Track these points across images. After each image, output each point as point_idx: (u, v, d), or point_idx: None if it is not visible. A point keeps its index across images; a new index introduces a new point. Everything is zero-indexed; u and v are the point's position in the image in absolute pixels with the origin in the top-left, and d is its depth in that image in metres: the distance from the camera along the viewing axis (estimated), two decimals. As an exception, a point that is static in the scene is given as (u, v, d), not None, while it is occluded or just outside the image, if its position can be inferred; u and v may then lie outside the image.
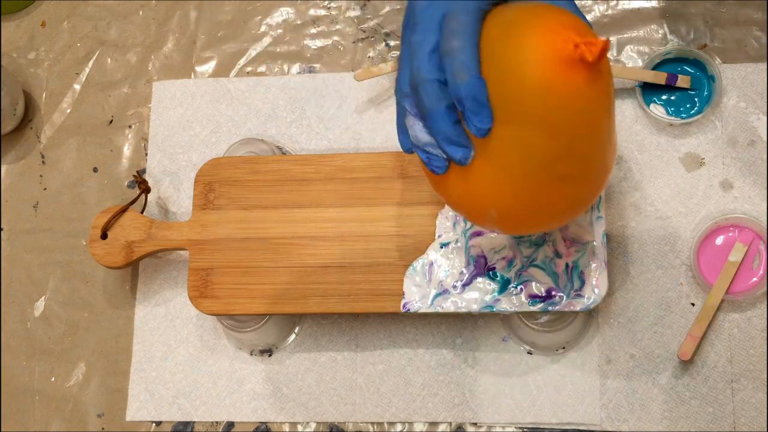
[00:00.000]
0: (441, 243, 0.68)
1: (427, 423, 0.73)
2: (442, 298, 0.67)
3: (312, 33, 0.84)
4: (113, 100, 0.85)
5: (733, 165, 0.74)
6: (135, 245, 0.73)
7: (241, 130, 0.82)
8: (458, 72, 0.49)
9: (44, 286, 0.81)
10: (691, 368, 0.70)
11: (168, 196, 0.81)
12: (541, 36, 0.48)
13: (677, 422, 0.70)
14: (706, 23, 0.77)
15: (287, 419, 0.74)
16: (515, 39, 0.48)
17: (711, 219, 0.72)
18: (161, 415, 0.76)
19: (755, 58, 0.76)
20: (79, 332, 0.80)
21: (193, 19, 0.86)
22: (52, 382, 0.79)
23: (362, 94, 0.81)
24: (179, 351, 0.77)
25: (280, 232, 0.70)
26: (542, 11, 0.50)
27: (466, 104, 0.49)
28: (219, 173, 0.72)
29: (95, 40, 0.87)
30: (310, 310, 0.69)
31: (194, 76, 0.85)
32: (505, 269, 0.67)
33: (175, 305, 0.78)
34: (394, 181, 0.70)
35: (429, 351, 0.74)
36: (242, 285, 0.70)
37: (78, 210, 0.83)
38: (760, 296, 0.71)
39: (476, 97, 0.49)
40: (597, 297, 0.65)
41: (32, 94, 0.87)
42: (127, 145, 0.84)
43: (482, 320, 0.74)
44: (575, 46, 0.47)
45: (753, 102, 0.75)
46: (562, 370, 0.72)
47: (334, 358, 0.75)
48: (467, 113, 0.49)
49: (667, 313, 0.72)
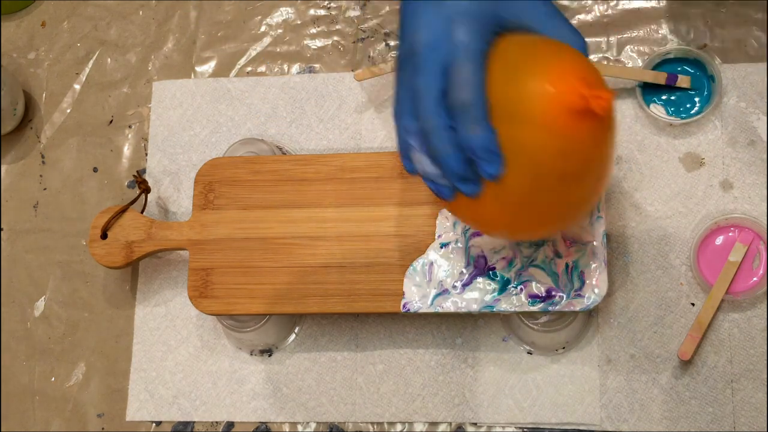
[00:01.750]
0: (441, 243, 0.68)
1: (427, 423, 0.73)
2: (442, 298, 0.67)
3: (312, 33, 0.84)
4: (113, 100, 0.85)
5: (733, 165, 0.74)
6: (135, 245, 0.73)
7: (241, 130, 0.82)
8: (470, 126, 0.50)
9: (44, 286, 0.81)
10: (691, 368, 0.70)
11: (168, 196, 0.81)
12: (549, 84, 0.49)
13: (677, 422, 0.70)
14: (706, 23, 0.77)
15: (287, 419, 0.74)
16: (522, 87, 0.49)
17: (711, 219, 0.72)
18: (161, 415, 0.76)
19: (755, 58, 0.76)
20: (79, 332, 0.80)
21: (193, 19, 0.86)
22: (52, 382, 0.79)
23: (362, 94, 0.81)
24: (179, 351, 0.77)
25: (280, 232, 0.70)
26: (547, 54, 0.51)
27: (479, 154, 0.50)
28: (219, 173, 0.72)
29: (95, 40, 0.87)
30: (310, 310, 0.69)
31: (194, 76, 0.85)
32: (505, 269, 0.67)
33: (175, 305, 0.78)
34: (394, 181, 0.70)
35: (429, 351, 0.74)
36: (242, 285, 0.70)
37: (78, 210, 0.83)
38: (760, 296, 0.71)
39: (488, 147, 0.50)
40: (597, 297, 0.65)
41: (32, 94, 0.87)
42: (127, 145, 0.84)
43: (482, 320, 0.74)
44: (583, 99, 0.48)
45: (753, 102, 0.75)
46: (562, 370, 0.72)
47: (334, 358, 0.75)
48: (480, 162, 0.51)
49: (667, 313, 0.72)
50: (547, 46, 0.52)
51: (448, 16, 0.51)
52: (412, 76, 0.52)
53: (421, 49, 0.51)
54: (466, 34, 0.50)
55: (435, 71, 0.51)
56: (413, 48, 0.52)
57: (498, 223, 0.56)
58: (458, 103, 0.50)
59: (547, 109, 0.49)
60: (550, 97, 0.48)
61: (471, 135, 0.50)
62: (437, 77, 0.51)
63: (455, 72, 0.50)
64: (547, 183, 0.51)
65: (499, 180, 0.51)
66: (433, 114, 0.51)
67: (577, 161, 0.51)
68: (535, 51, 0.51)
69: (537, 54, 0.51)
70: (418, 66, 0.51)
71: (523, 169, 0.51)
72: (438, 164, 0.53)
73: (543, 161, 0.50)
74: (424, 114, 0.51)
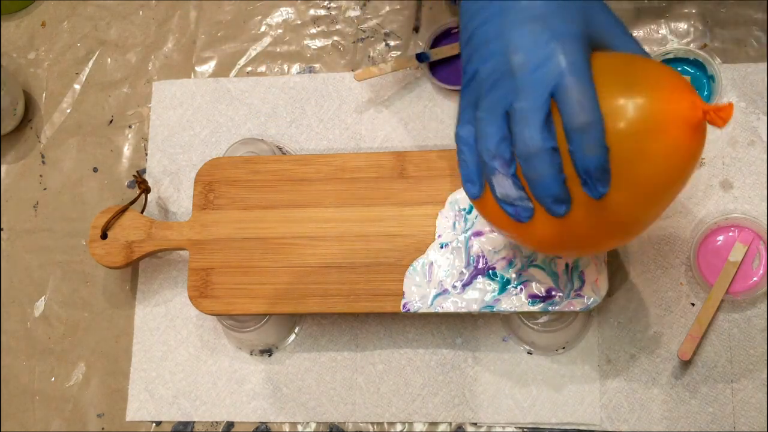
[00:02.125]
0: (441, 243, 0.68)
1: (427, 423, 0.73)
2: (442, 298, 0.67)
3: (312, 33, 0.84)
4: (113, 100, 0.85)
5: (733, 165, 0.74)
6: (135, 245, 0.73)
7: (241, 130, 0.82)
8: (590, 147, 0.49)
9: (44, 286, 0.81)
10: (691, 368, 0.70)
11: (168, 196, 0.81)
12: (666, 100, 0.49)
13: (677, 422, 0.70)
14: (706, 23, 0.77)
15: (287, 419, 0.74)
16: (637, 102, 0.49)
17: (711, 219, 0.72)
18: (161, 415, 0.76)
19: (755, 58, 0.76)
20: (79, 332, 0.80)
21: (193, 19, 0.86)
22: (52, 382, 0.79)
23: (362, 94, 0.81)
24: (179, 351, 0.77)
25: (280, 232, 0.70)
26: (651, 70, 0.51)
27: (594, 174, 0.50)
28: (219, 173, 0.72)
29: (95, 40, 0.87)
30: (310, 310, 0.69)
31: (194, 76, 0.85)
32: (505, 269, 0.67)
33: (175, 305, 0.78)
34: (394, 181, 0.70)
35: (429, 351, 0.74)
36: (242, 285, 0.70)
37: (78, 210, 0.83)
38: (760, 296, 0.71)
39: (604, 167, 0.50)
40: (597, 297, 0.65)
41: (32, 94, 0.87)
42: (127, 145, 0.84)
43: (482, 320, 0.74)
44: (704, 113, 0.48)
45: (753, 102, 0.75)
46: (562, 370, 0.72)
47: (334, 358, 0.75)
48: (592, 181, 0.50)
49: (667, 313, 0.72)
50: (640, 63, 0.52)
51: (549, 37, 0.50)
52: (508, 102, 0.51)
53: (523, 73, 0.50)
54: (572, 55, 0.50)
55: (541, 94, 0.50)
56: (511, 71, 0.51)
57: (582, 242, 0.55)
58: (576, 125, 0.49)
59: (666, 123, 0.49)
60: (670, 111, 0.49)
61: (589, 155, 0.49)
62: (544, 101, 0.50)
63: (569, 94, 0.49)
64: (652, 196, 0.51)
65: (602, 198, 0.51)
66: (539, 138, 0.50)
67: (685, 172, 0.51)
68: (633, 69, 0.51)
69: (637, 72, 0.51)
70: (521, 91, 0.50)
71: (629, 184, 0.50)
72: (534, 186, 0.52)
73: (655, 174, 0.50)
74: (529, 138, 0.50)
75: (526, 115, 0.50)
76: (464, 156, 0.55)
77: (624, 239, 0.58)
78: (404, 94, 0.80)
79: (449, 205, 0.69)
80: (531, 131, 0.50)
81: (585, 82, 0.49)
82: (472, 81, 0.54)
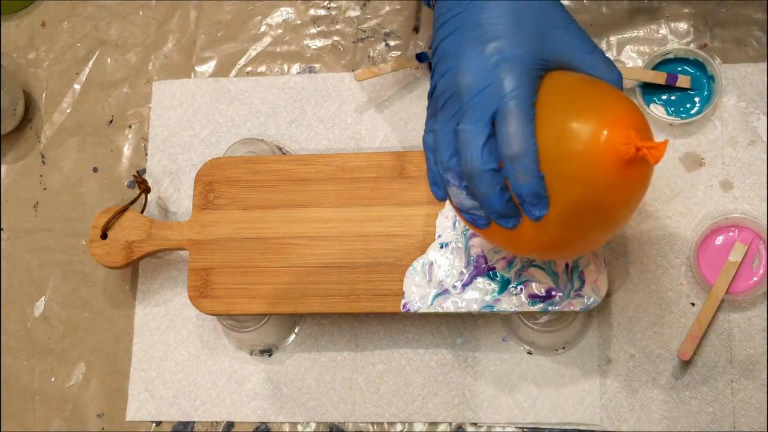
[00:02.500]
0: (441, 243, 0.68)
1: (427, 423, 0.73)
2: (442, 298, 0.67)
3: (312, 33, 0.84)
4: (113, 100, 0.85)
5: (733, 165, 0.74)
6: (135, 245, 0.73)
7: (241, 130, 0.82)
8: (521, 175, 0.50)
9: (44, 286, 0.81)
10: (691, 368, 0.70)
11: (168, 196, 0.81)
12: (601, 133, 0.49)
13: (677, 422, 0.70)
14: (706, 23, 0.77)
15: (287, 419, 0.74)
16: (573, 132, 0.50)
17: (711, 219, 0.72)
18: (161, 415, 0.76)
19: (755, 58, 0.76)
20: (79, 332, 0.80)
21: (193, 19, 0.86)
22: (52, 382, 0.79)
23: (362, 94, 0.81)
24: (179, 351, 0.77)
25: (280, 232, 0.70)
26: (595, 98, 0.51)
27: (527, 199, 0.51)
28: (219, 173, 0.72)
29: (95, 40, 0.87)
30: (310, 310, 0.69)
31: (194, 76, 0.85)
32: (505, 269, 0.67)
33: (175, 305, 0.78)
34: (394, 181, 0.70)
35: (429, 351, 0.74)
36: (242, 285, 0.70)
37: (78, 210, 0.83)
38: (760, 296, 0.71)
39: (537, 193, 0.51)
40: (597, 297, 0.65)
41: (32, 94, 0.87)
42: (127, 145, 0.84)
43: (482, 320, 0.74)
44: (637, 150, 0.49)
45: (753, 102, 0.75)
46: (562, 370, 0.72)
47: (334, 358, 0.75)
48: (526, 205, 0.51)
49: (667, 313, 0.72)
50: (592, 87, 0.52)
51: (496, 62, 0.51)
52: (456, 120, 0.52)
53: (468, 96, 0.51)
54: (515, 82, 0.50)
55: (483, 119, 0.51)
56: (458, 91, 0.52)
57: (532, 248, 0.56)
58: (509, 154, 0.50)
59: (598, 156, 0.49)
60: (603, 144, 0.49)
61: (521, 182, 0.50)
62: (485, 125, 0.51)
63: (506, 124, 0.50)
64: (587, 218, 0.52)
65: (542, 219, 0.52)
66: (479, 160, 0.51)
67: (619, 202, 0.52)
68: (582, 94, 0.51)
69: (585, 97, 0.51)
70: (465, 112, 0.51)
71: (564, 206, 0.51)
72: (480, 202, 0.53)
73: (586, 201, 0.51)
74: (470, 159, 0.51)
75: (467, 137, 0.51)
76: (429, 162, 0.56)
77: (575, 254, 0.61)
78: (404, 94, 0.80)
79: (449, 205, 0.69)
80: (471, 153, 0.51)
81: (522, 111, 0.50)
82: (433, 93, 0.55)
